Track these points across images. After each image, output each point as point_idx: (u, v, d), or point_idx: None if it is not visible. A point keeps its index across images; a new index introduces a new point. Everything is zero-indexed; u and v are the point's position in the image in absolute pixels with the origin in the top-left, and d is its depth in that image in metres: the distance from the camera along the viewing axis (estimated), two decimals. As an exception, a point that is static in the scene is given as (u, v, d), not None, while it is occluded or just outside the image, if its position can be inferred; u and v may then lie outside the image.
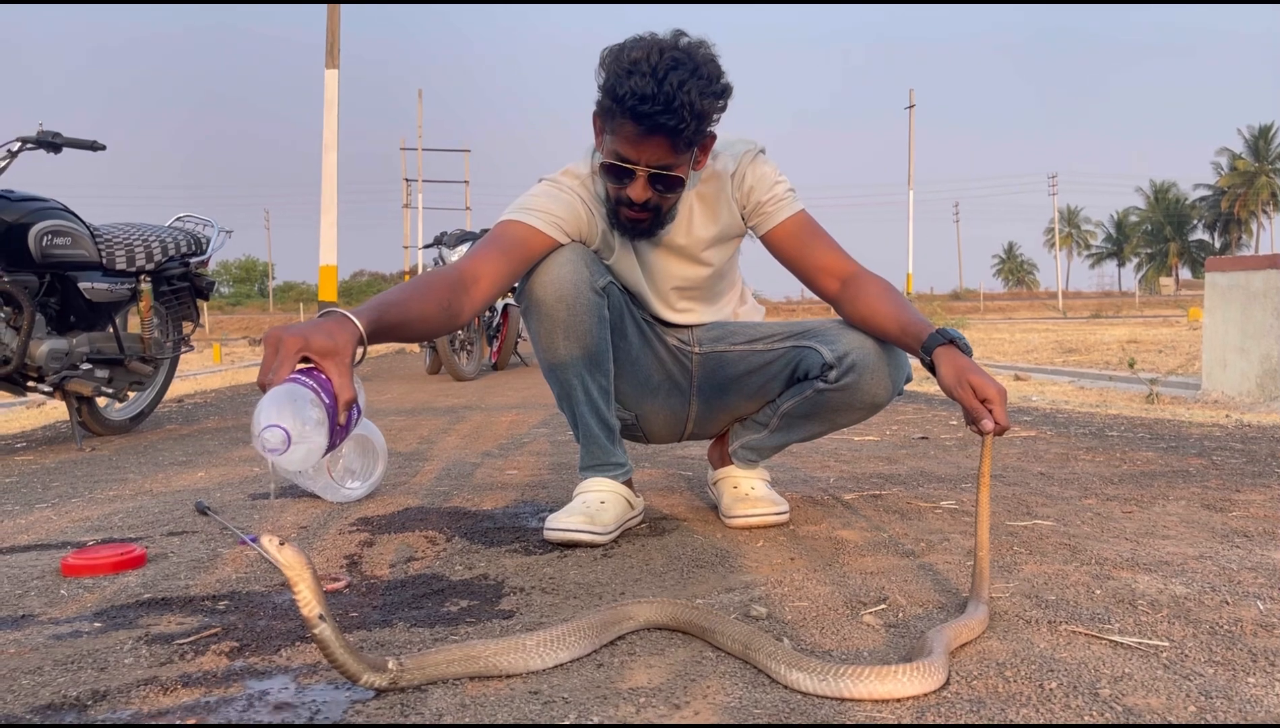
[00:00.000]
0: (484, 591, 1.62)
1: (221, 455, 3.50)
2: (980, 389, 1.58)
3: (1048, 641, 1.30)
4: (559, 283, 1.86)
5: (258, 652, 1.33)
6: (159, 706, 1.14)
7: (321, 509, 2.36)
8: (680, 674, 1.21)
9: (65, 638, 1.40)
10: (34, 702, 1.16)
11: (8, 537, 2.13)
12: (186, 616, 1.51)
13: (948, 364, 1.65)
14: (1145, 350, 9.27)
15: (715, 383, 2.06)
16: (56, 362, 3.64)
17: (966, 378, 1.61)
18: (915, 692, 1.11)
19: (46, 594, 1.65)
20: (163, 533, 2.13)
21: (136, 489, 2.75)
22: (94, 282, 3.86)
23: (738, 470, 2.13)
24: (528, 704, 1.12)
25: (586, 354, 1.91)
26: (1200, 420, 3.99)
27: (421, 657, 1.18)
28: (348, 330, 1.39)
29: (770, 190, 1.92)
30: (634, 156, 1.76)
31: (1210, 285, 5.13)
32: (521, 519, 2.20)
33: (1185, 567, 1.67)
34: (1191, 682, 1.14)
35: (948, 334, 1.70)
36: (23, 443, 4.07)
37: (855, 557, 1.79)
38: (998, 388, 1.59)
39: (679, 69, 1.67)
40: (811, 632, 1.37)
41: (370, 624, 1.45)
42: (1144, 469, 2.75)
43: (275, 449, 1.22)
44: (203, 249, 4.48)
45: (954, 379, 1.62)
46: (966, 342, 1.70)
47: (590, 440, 2.00)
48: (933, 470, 2.80)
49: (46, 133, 3.68)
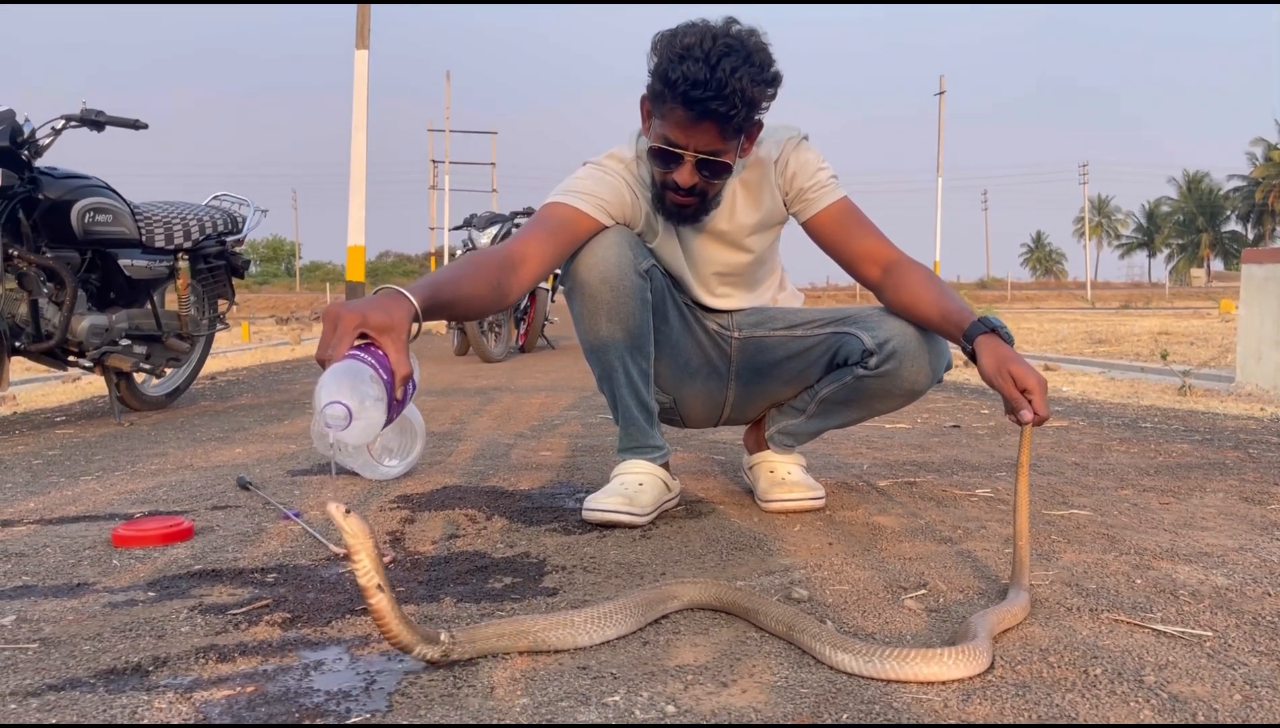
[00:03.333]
0: (527, 568, 1.64)
1: (258, 432, 3.55)
2: (1020, 379, 1.59)
3: (1090, 628, 1.31)
4: (604, 265, 1.88)
5: (309, 623, 1.35)
6: (218, 672, 1.17)
7: (361, 486, 2.40)
8: (726, 653, 1.23)
9: (121, 607, 1.44)
10: (95, 667, 1.19)
11: (56, 507, 2.18)
12: (237, 587, 1.54)
13: (989, 353, 1.66)
14: (1176, 342, 9.18)
15: (754, 368, 2.08)
16: (97, 337, 3.70)
17: (1007, 367, 1.61)
18: (960, 675, 1.12)
19: (99, 564, 1.69)
20: (207, 507, 2.17)
21: (177, 464, 2.80)
22: (134, 259, 3.92)
23: (774, 455, 2.14)
24: (577, 679, 1.14)
25: (629, 336, 1.92)
26: (1235, 413, 3.96)
27: (473, 630, 1.20)
28: (403, 307, 1.42)
29: (813, 177, 1.93)
30: (683, 141, 1.77)
31: (1246, 277, 5.07)
32: (559, 499, 2.22)
33: (1225, 558, 1.66)
34: (1236, 671, 1.15)
35: (990, 323, 1.70)
36: (61, 416, 4.14)
37: (893, 542, 1.80)
38: (1038, 378, 1.59)
39: (732, 55, 1.68)
40: (854, 615, 1.38)
41: (417, 598, 1.47)
42: (1179, 461, 2.74)
43: (338, 424, 1.25)
44: (239, 228, 4.52)
45: (995, 368, 1.63)
46: (1009, 331, 1.70)
47: (629, 422, 2.02)
48: (966, 459, 2.80)
49: (90, 111, 3.72)
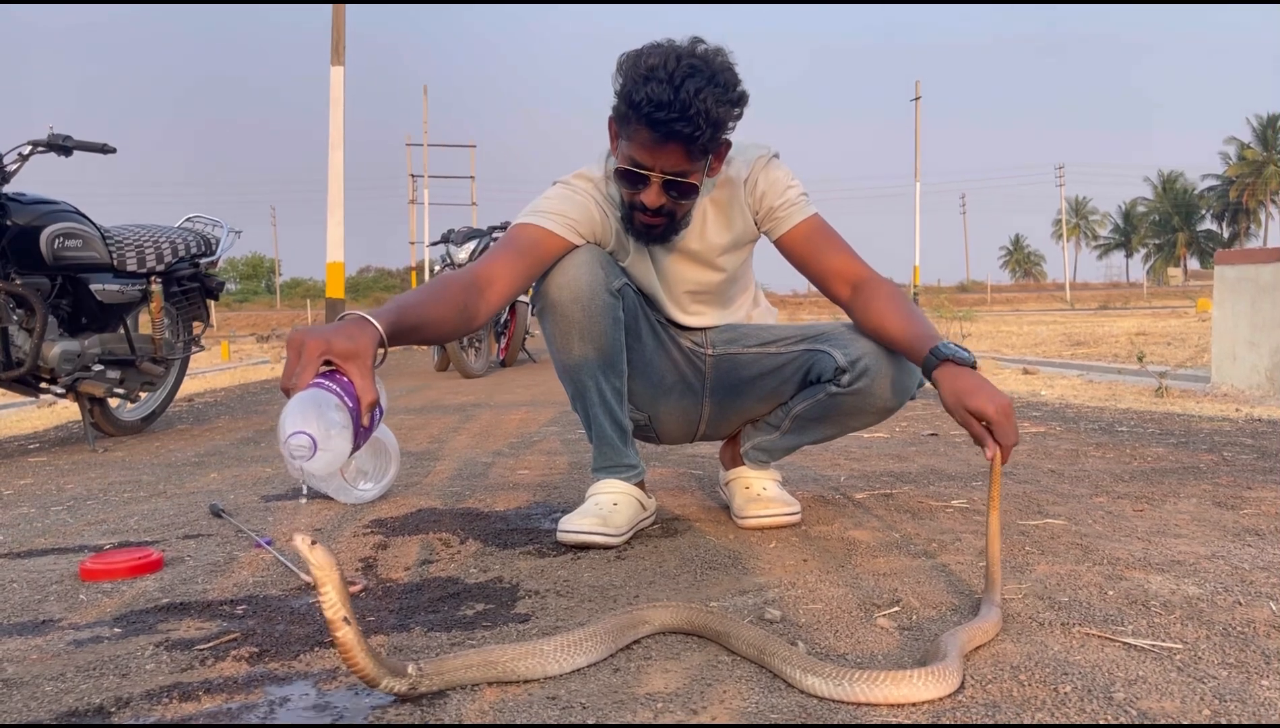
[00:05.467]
0: (499, 594, 1.63)
1: (233, 456, 3.52)
2: (980, 412, 1.55)
3: (1061, 643, 1.31)
4: (574, 285, 1.87)
5: (277, 657, 1.34)
6: (182, 712, 1.15)
7: (335, 511, 2.38)
8: (697, 679, 1.22)
9: (86, 644, 1.42)
10: (57, 708, 1.18)
11: (25, 540, 2.15)
12: (205, 620, 1.52)
13: (946, 386, 1.62)
14: (1154, 343, 9.25)
15: (728, 385, 2.07)
16: (69, 363, 3.66)
17: (964, 403, 1.57)
18: (931, 696, 1.12)
19: (66, 599, 1.67)
20: (178, 536, 2.14)
21: (151, 491, 2.77)
22: (105, 283, 3.88)
23: (749, 471, 2.13)
24: (546, 710, 1.13)
25: (601, 356, 1.92)
26: (1210, 414, 3.99)
27: (440, 662, 1.19)
28: (368, 333, 1.41)
29: (782, 196, 1.93)
30: (649, 163, 1.77)
31: (1219, 278, 5.12)
32: (534, 521, 2.21)
33: (1198, 566, 1.67)
34: (1205, 685, 1.15)
35: (943, 353, 1.66)
36: (35, 444, 4.10)
37: (868, 558, 1.79)
38: (999, 404, 1.54)
39: (696, 76, 1.68)
40: (826, 635, 1.38)
41: (387, 628, 1.46)
42: (1154, 466, 2.75)
43: (302, 455, 1.24)
44: (212, 250, 4.49)
45: (953, 404, 1.59)
46: (966, 355, 1.65)
47: (603, 441, 2.01)
48: (943, 468, 2.81)
49: (57, 136, 3.69)
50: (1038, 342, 10.66)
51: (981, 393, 1.56)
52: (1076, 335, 11.64)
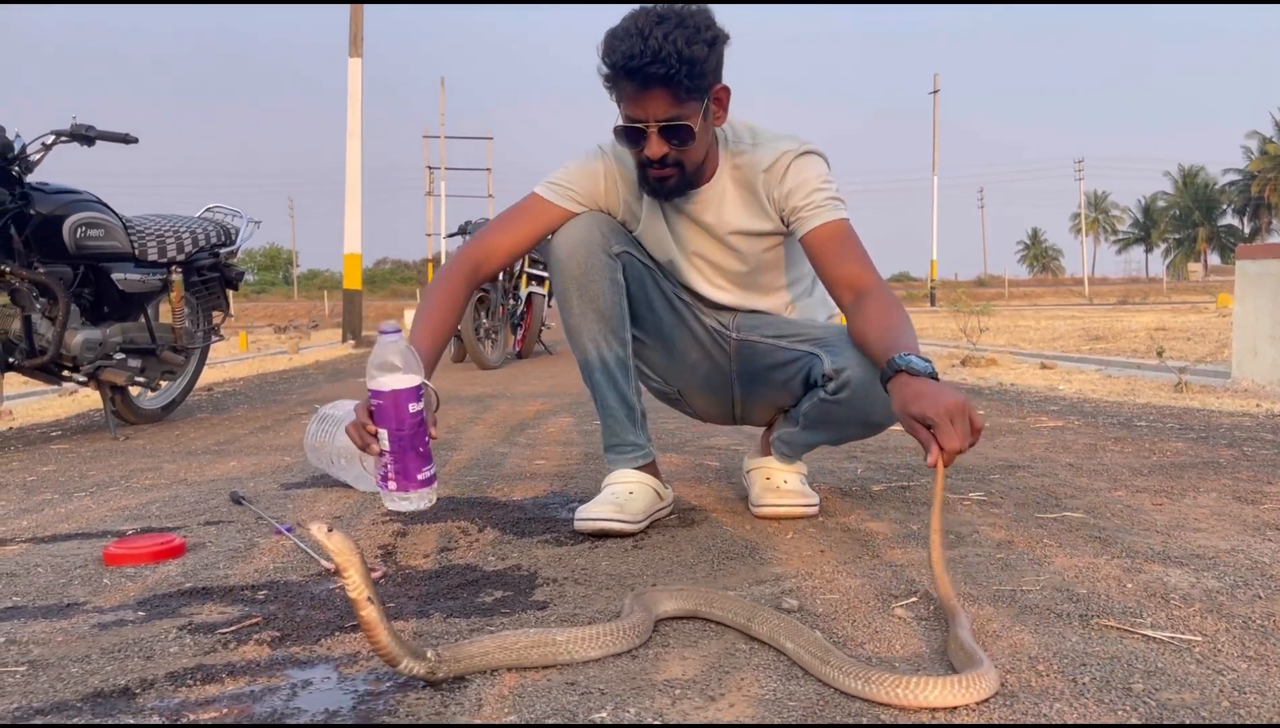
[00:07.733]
0: (518, 581, 1.64)
1: (252, 444, 3.54)
2: (922, 417, 1.47)
3: (1079, 634, 1.31)
4: (573, 241, 1.98)
5: (299, 641, 1.35)
6: (205, 694, 1.17)
7: (354, 499, 2.39)
8: (714, 666, 1.22)
9: (110, 627, 1.44)
10: (82, 689, 1.19)
11: (49, 525, 2.18)
12: (227, 605, 1.54)
13: (895, 398, 1.56)
14: (1173, 338, 9.18)
15: (751, 371, 2.09)
16: (91, 352, 3.70)
17: (907, 409, 1.50)
18: (967, 701, 1.09)
19: (90, 583, 1.69)
20: (199, 522, 2.16)
21: (171, 478, 2.80)
22: (127, 272, 3.91)
23: (774, 463, 2.13)
24: (565, 696, 1.14)
25: (600, 317, 1.97)
26: (1230, 410, 3.96)
27: (457, 648, 1.20)
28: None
29: (808, 196, 1.91)
30: (640, 115, 1.82)
31: (1240, 273, 5.08)
32: (551, 510, 2.22)
33: (1217, 560, 1.66)
34: (1225, 677, 1.15)
35: (898, 364, 1.58)
36: (58, 431, 4.14)
37: (885, 549, 1.79)
38: (945, 406, 1.44)
39: (664, 23, 1.75)
40: (843, 624, 1.38)
41: (407, 614, 1.47)
42: (1173, 460, 2.74)
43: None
44: (232, 240, 4.53)
45: (899, 412, 1.54)
46: (923, 364, 1.56)
47: (608, 415, 2.04)
48: (960, 461, 2.79)
49: (80, 126, 3.72)
50: (1055, 336, 10.60)
51: (925, 398, 1.48)
52: (1095, 330, 11.56)
